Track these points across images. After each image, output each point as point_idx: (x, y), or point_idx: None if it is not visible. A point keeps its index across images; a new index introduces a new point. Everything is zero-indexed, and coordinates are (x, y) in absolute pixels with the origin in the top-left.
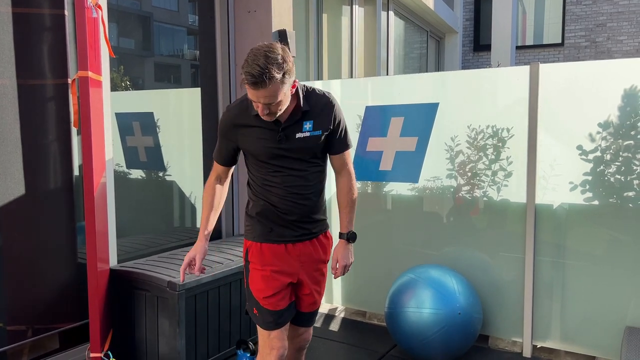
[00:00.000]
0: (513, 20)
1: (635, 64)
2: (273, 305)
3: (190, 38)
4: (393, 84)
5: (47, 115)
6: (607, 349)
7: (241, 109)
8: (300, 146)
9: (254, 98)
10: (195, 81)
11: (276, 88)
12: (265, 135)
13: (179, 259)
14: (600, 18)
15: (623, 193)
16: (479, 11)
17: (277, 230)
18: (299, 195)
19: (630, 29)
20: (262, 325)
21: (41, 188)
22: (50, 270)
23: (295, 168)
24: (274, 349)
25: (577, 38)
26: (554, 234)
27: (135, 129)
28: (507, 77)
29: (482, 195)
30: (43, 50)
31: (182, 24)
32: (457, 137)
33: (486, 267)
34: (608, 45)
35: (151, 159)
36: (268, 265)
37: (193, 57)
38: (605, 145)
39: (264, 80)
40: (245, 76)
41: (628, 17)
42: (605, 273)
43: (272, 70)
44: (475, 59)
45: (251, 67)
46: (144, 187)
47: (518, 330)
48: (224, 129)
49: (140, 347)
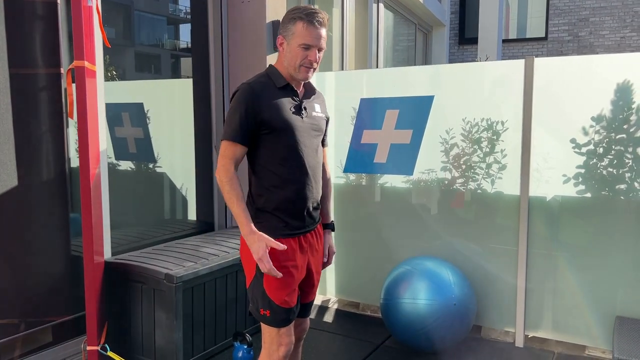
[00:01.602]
0: (500, 13)
1: (627, 59)
2: (288, 303)
3: (170, 28)
4: (388, 77)
5: (39, 105)
6: (597, 338)
7: (263, 82)
8: (318, 123)
9: (312, 40)
10: (176, 71)
11: (326, 31)
12: (290, 105)
13: (174, 251)
14: (583, 13)
15: (615, 186)
16: (464, 4)
17: (291, 223)
18: (315, 176)
19: (612, 24)
20: (273, 324)
21: (33, 179)
22: (43, 263)
23: (313, 147)
24: (282, 345)
25: (560, 32)
26: (547, 226)
27: (125, 119)
28: (502, 71)
29: (476, 188)
30: (35, 38)
31: (164, 12)
32: (452, 130)
33: (479, 258)
34: (590, 40)
35: (141, 150)
36: (286, 261)
37: (177, 47)
38: (598, 139)
39: (323, 18)
40: (306, 17)
41: (610, 12)
42: (596, 264)
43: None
44: (460, 52)
45: (307, 10)
46: (134, 179)
47: (511, 321)
48: (246, 102)
49: (135, 340)
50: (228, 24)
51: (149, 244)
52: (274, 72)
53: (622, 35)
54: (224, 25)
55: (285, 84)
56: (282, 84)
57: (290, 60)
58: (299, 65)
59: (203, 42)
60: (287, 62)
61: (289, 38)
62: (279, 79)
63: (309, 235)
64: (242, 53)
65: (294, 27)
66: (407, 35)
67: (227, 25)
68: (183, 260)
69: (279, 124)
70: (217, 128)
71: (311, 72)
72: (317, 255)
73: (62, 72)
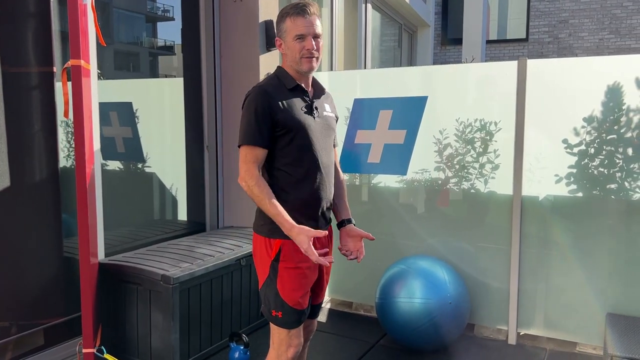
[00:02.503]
0: (484, 15)
1: (618, 61)
2: (301, 305)
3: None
4: (381, 77)
5: (31, 104)
6: (588, 335)
7: (274, 84)
8: (329, 123)
9: (303, 29)
10: (154, 70)
11: (318, 20)
12: (302, 105)
13: (168, 251)
14: (562, 15)
15: (606, 185)
16: (447, 6)
17: (306, 224)
18: (329, 176)
19: (590, 26)
20: (284, 325)
21: (25, 179)
22: (35, 264)
23: (326, 147)
24: (292, 346)
25: (540, 34)
26: (539, 225)
27: (113, 119)
28: (496, 72)
29: (469, 188)
30: (27, 36)
31: (142, 10)
32: (446, 130)
33: (473, 257)
34: (570, 42)
35: (130, 150)
36: (301, 262)
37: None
38: (589, 139)
39: (310, 8)
40: (293, 10)
41: (589, 14)
42: (587, 262)
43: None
44: (442, 52)
45: (293, 4)
46: (124, 179)
47: (503, 319)
48: (261, 104)
49: (131, 342)
50: (220, 23)
51: (140, 245)
52: (282, 73)
53: (601, 37)
54: (216, 25)
55: (295, 84)
56: (292, 85)
57: (291, 56)
58: (299, 58)
59: (194, 41)
60: (289, 59)
61: (284, 36)
62: (289, 80)
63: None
64: (234, 52)
65: (284, 24)
66: (392, 36)
67: (219, 24)
68: (178, 261)
69: (294, 124)
70: (208, 128)
71: (314, 61)
72: (328, 257)
73: (54, 71)
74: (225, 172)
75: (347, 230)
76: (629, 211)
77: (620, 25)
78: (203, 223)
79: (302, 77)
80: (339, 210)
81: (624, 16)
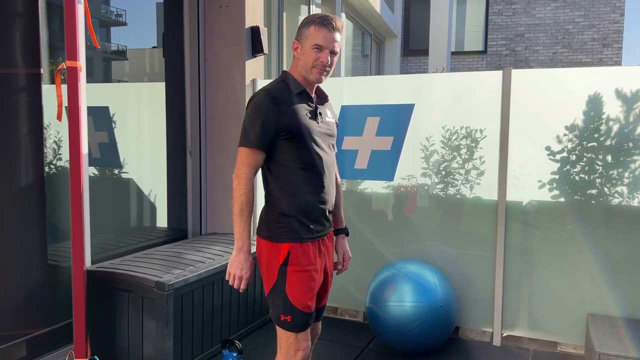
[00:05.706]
0: (449, 27)
1: (598, 73)
2: (309, 308)
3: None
4: (369, 84)
5: (17, 107)
6: (569, 335)
7: (280, 89)
8: (332, 129)
9: (323, 41)
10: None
11: (339, 36)
12: (306, 110)
13: (156, 258)
14: (519, 29)
15: (587, 190)
16: (409, 17)
17: (313, 226)
18: (331, 180)
19: (545, 40)
20: (292, 329)
21: (9, 185)
22: (19, 272)
23: (329, 152)
24: (300, 350)
25: (498, 46)
26: (523, 229)
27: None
28: (481, 81)
29: (455, 193)
30: (14, 36)
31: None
32: (432, 137)
33: (458, 261)
34: (526, 55)
35: (107, 155)
36: (308, 265)
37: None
38: (571, 147)
39: (336, 23)
40: (319, 20)
41: (543, 29)
42: (569, 265)
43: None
44: (404, 63)
45: (321, 15)
46: (104, 185)
47: (488, 321)
48: (268, 108)
49: (121, 351)
50: (205, 28)
51: (122, 252)
52: (289, 77)
53: (555, 51)
54: (200, 29)
55: (301, 89)
56: (298, 89)
57: (304, 62)
58: (311, 67)
59: (178, 46)
60: (301, 64)
61: (302, 41)
62: (295, 85)
63: (325, 238)
64: (219, 57)
65: (307, 30)
66: (362, 46)
67: (204, 29)
68: (170, 268)
69: (299, 128)
70: (191, 134)
71: (324, 75)
72: (331, 259)
73: (41, 73)
74: (208, 178)
75: (338, 241)
76: (608, 215)
77: (572, 40)
78: (185, 230)
79: (308, 84)
80: (335, 218)
81: (575, 31)
